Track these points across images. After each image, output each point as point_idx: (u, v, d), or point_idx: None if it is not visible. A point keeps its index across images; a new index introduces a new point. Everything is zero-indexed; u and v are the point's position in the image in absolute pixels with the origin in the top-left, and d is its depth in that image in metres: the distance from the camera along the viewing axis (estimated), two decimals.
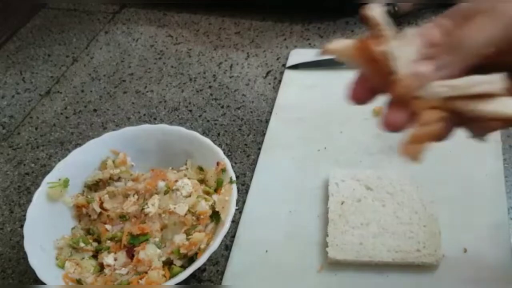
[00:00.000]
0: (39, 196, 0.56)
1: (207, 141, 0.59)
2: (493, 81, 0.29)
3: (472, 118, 0.30)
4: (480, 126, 0.31)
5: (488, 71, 0.31)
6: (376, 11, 0.30)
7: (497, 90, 0.29)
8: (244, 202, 0.60)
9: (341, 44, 0.31)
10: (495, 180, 0.57)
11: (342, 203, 0.56)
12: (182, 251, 0.51)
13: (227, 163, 0.57)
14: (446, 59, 0.30)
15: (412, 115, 0.30)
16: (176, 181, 0.56)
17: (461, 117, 0.31)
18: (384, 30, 0.30)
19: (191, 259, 0.52)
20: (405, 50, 0.30)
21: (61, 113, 0.77)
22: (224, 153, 0.58)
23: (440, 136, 0.31)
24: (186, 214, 0.53)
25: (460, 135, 0.48)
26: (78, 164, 0.60)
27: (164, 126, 0.63)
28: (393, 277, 0.51)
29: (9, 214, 0.64)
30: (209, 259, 0.50)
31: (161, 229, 0.54)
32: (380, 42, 0.30)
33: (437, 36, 0.32)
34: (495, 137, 0.61)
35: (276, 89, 0.74)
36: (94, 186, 0.60)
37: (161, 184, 0.56)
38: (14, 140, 0.74)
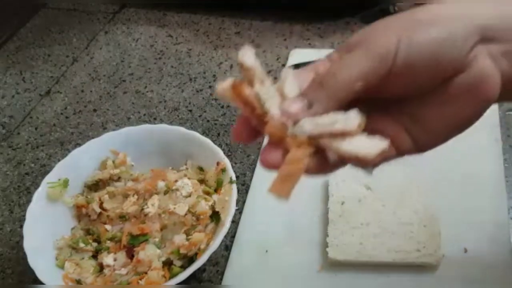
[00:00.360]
0: (39, 196, 0.56)
1: (207, 141, 0.59)
2: (349, 118, 0.29)
3: (338, 155, 0.30)
4: (351, 162, 0.31)
5: (371, 104, 0.32)
6: (248, 55, 0.31)
7: (352, 128, 0.29)
8: (244, 202, 0.60)
9: (223, 86, 0.31)
10: (495, 180, 0.57)
11: (342, 203, 0.56)
12: (182, 251, 0.51)
13: (227, 163, 0.57)
14: (317, 95, 0.30)
15: (287, 153, 0.30)
16: (176, 181, 0.56)
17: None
18: (255, 74, 0.30)
19: (191, 260, 0.52)
20: (285, 89, 0.31)
21: (61, 113, 0.77)
22: (224, 153, 0.58)
23: (314, 171, 0.31)
24: (186, 214, 0.53)
25: (460, 135, 0.48)
26: (78, 164, 0.60)
27: (164, 126, 0.63)
28: (394, 277, 0.51)
29: (8, 214, 0.64)
30: (209, 260, 0.50)
31: (161, 229, 0.54)
32: (252, 85, 0.30)
33: (320, 72, 0.32)
34: (496, 136, 0.61)
35: None
36: (94, 186, 0.60)
37: (161, 184, 0.56)
38: (14, 140, 0.74)
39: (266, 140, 0.31)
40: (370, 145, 0.29)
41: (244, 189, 0.62)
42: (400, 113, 0.33)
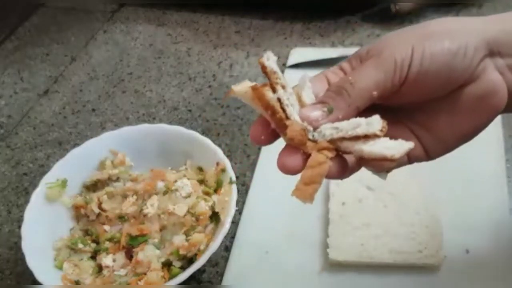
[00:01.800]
0: (37, 196, 0.56)
1: (207, 141, 0.59)
2: (372, 122, 0.31)
3: (361, 157, 0.32)
4: (372, 164, 0.33)
5: (384, 112, 0.33)
6: (271, 60, 0.32)
7: (375, 131, 0.30)
8: (244, 202, 0.60)
9: (241, 88, 0.32)
10: (497, 181, 0.57)
11: (343, 204, 0.56)
12: (182, 252, 0.51)
13: (227, 163, 0.56)
14: (337, 103, 0.32)
15: (306, 157, 0.31)
16: (176, 181, 0.56)
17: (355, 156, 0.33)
18: (279, 78, 0.31)
19: (190, 260, 0.51)
20: (303, 95, 0.32)
21: (59, 113, 0.77)
22: (224, 153, 0.57)
23: (335, 175, 0.32)
24: (185, 215, 0.53)
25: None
26: (76, 164, 0.59)
27: (163, 126, 0.63)
28: (395, 278, 0.50)
29: (7, 215, 0.64)
30: (209, 260, 0.50)
31: (160, 230, 0.53)
32: (275, 89, 0.31)
33: (335, 80, 0.34)
34: (498, 136, 0.61)
35: None
36: (93, 186, 0.59)
37: (160, 184, 0.56)
38: (12, 140, 0.74)
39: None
40: (396, 146, 0.31)
41: (244, 189, 0.61)
42: (411, 121, 0.35)
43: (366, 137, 0.31)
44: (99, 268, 0.53)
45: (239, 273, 0.53)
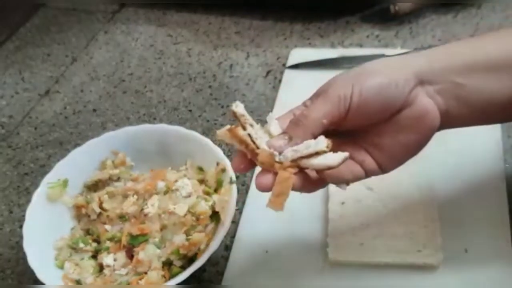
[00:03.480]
0: (38, 196, 0.56)
1: (207, 141, 0.59)
2: (319, 142, 0.39)
3: (316, 170, 0.40)
4: (325, 175, 0.40)
5: (342, 136, 0.42)
6: (239, 107, 0.40)
7: (322, 148, 0.38)
8: (244, 202, 0.60)
9: (222, 131, 0.41)
10: (496, 180, 0.57)
11: (342, 204, 0.56)
12: (182, 251, 0.51)
13: (227, 163, 0.56)
14: (295, 132, 0.40)
15: (276, 176, 0.39)
16: (176, 181, 0.56)
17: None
18: (247, 119, 0.40)
19: (191, 260, 0.52)
20: (271, 130, 0.41)
21: (61, 113, 0.77)
22: (224, 153, 0.58)
23: (299, 187, 0.40)
24: (185, 215, 0.53)
25: (462, 133, 0.47)
26: (77, 164, 0.60)
27: (163, 126, 0.63)
28: (394, 277, 0.51)
29: (8, 215, 0.64)
30: (209, 260, 0.50)
31: (161, 230, 0.54)
32: (245, 128, 0.40)
33: (296, 114, 0.42)
34: (496, 137, 0.61)
35: (276, 88, 0.74)
36: (94, 186, 0.59)
37: (161, 184, 0.56)
38: (13, 140, 0.74)
39: (257, 169, 0.40)
40: (335, 157, 0.39)
41: (244, 189, 0.61)
42: (363, 141, 0.43)
43: (317, 154, 0.38)
44: (100, 268, 0.53)
45: (239, 272, 0.54)
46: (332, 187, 0.57)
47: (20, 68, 0.86)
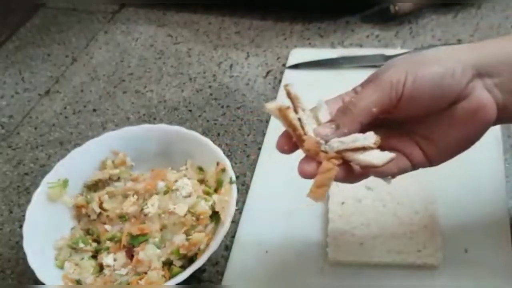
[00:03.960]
0: (38, 196, 0.56)
1: (207, 141, 0.59)
2: (367, 137, 0.38)
3: (359, 164, 0.39)
4: (369, 171, 0.39)
5: (391, 127, 0.41)
6: (294, 88, 0.40)
7: (370, 144, 0.38)
8: (244, 202, 0.60)
9: (271, 106, 0.39)
10: (496, 180, 0.57)
11: (342, 203, 0.56)
12: (182, 251, 0.51)
13: (227, 163, 0.56)
14: (342, 120, 0.39)
15: (319, 165, 0.38)
16: (176, 181, 0.56)
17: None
18: (300, 103, 0.40)
19: (191, 260, 0.52)
20: (319, 115, 0.40)
21: (61, 113, 0.77)
22: (224, 153, 0.58)
23: (341, 179, 0.39)
24: (185, 215, 0.53)
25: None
26: (77, 164, 0.60)
27: (163, 126, 0.63)
28: (394, 277, 0.51)
29: (8, 215, 0.64)
30: (209, 260, 0.50)
31: (161, 230, 0.53)
32: (297, 111, 0.40)
33: (345, 101, 0.41)
34: (497, 137, 0.61)
35: (276, 89, 0.74)
36: (94, 186, 0.59)
37: (161, 184, 0.56)
38: (14, 140, 0.74)
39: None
40: (381, 156, 0.38)
41: (244, 189, 0.61)
42: (414, 133, 0.41)
43: (364, 148, 0.38)
44: (100, 268, 0.53)
45: (239, 272, 0.54)
46: (332, 186, 0.57)
47: (20, 68, 0.86)
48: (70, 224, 0.58)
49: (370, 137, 0.38)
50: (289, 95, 0.40)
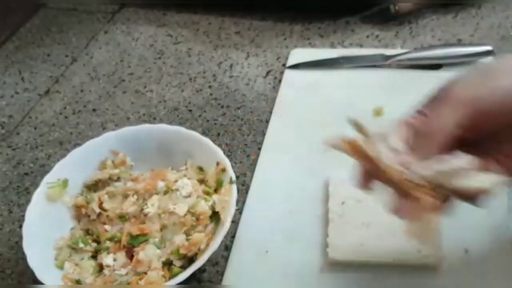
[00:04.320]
0: (38, 196, 0.56)
1: (207, 141, 0.59)
2: (460, 159, 0.35)
3: (455, 191, 0.36)
4: (468, 197, 0.37)
5: (470, 147, 0.38)
6: (360, 119, 0.38)
7: (463, 166, 0.35)
8: (244, 202, 0.60)
9: (335, 141, 0.38)
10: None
11: (342, 203, 0.56)
12: (182, 251, 0.51)
13: (227, 163, 0.56)
14: (419, 145, 0.37)
15: (408, 197, 0.36)
16: (176, 181, 0.56)
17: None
18: (368, 132, 0.37)
19: (191, 260, 0.52)
20: (391, 144, 0.37)
21: (60, 113, 0.77)
22: (224, 153, 0.58)
23: (438, 210, 0.37)
24: (185, 215, 0.53)
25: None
26: (77, 164, 0.59)
27: (163, 126, 0.63)
28: (394, 278, 0.51)
29: (8, 215, 0.64)
30: (209, 260, 0.50)
31: (161, 230, 0.53)
32: (368, 143, 0.37)
33: (416, 125, 0.39)
34: None
35: (276, 89, 0.74)
36: (94, 186, 0.59)
37: (161, 184, 0.56)
38: (13, 140, 0.74)
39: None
40: (490, 179, 0.35)
41: (244, 189, 0.61)
42: (492, 150, 0.39)
43: (457, 172, 0.35)
44: (100, 268, 0.53)
45: (239, 272, 0.54)
46: (332, 187, 0.57)
47: (20, 68, 0.86)
48: (70, 224, 0.57)
49: (465, 158, 0.35)
50: (359, 129, 0.37)
